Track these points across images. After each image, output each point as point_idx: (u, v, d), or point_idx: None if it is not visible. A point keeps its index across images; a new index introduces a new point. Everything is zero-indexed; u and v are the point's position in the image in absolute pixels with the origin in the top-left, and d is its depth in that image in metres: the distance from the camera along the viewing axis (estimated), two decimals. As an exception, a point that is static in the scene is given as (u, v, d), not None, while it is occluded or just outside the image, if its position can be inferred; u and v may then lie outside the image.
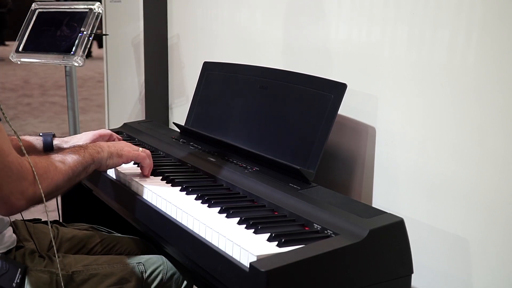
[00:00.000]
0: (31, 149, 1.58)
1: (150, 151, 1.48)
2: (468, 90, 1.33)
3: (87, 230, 1.63)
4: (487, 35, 1.29)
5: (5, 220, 1.30)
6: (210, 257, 1.14)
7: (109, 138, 1.71)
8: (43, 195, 1.14)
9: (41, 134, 1.62)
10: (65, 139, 1.66)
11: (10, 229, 1.33)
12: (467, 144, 1.34)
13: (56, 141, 1.62)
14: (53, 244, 1.25)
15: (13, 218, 1.35)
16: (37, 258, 1.32)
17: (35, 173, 1.13)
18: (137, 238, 1.65)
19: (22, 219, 1.40)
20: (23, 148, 1.19)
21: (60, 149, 1.62)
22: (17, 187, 1.11)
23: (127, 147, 1.45)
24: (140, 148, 1.50)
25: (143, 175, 1.50)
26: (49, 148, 1.60)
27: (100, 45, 10.49)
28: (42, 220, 1.60)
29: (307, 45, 1.81)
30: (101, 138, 1.69)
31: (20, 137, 1.58)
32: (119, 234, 1.67)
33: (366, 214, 1.19)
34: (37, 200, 1.16)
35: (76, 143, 1.62)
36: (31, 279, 1.25)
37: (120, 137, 1.79)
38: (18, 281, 1.22)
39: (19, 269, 1.24)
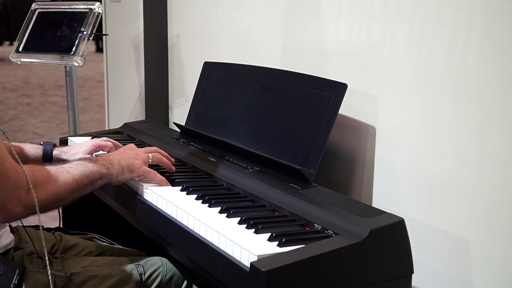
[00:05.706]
0: (23, 158, 1.56)
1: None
2: (468, 90, 1.33)
3: (90, 240, 1.61)
4: (487, 35, 1.29)
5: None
6: (211, 257, 1.14)
7: (110, 150, 1.64)
8: (36, 203, 1.13)
9: (42, 143, 1.59)
10: (64, 149, 1.62)
11: (7, 229, 1.32)
12: (467, 144, 1.34)
13: (56, 152, 1.59)
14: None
15: (14, 224, 1.34)
16: (35, 259, 1.31)
17: (29, 181, 1.13)
18: (141, 253, 1.59)
19: (22, 225, 1.39)
20: (15, 154, 1.18)
21: (59, 160, 1.59)
22: (14, 195, 1.11)
23: (138, 160, 1.39)
24: (150, 154, 1.43)
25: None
26: (48, 158, 1.57)
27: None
28: (45, 227, 1.58)
29: (308, 45, 1.81)
30: (100, 149, 1.63)
31: (20, 144, 1.58)
32: (121, 247, 1.62)
33: (366, 214, 1.19)
34: (35, 208, 1.15)
35: (75, 153, 1.59)
36: (29, 280, 1.24)
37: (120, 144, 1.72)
38: (16, 282, 1.21)
39: (17, 270, 1.23)
